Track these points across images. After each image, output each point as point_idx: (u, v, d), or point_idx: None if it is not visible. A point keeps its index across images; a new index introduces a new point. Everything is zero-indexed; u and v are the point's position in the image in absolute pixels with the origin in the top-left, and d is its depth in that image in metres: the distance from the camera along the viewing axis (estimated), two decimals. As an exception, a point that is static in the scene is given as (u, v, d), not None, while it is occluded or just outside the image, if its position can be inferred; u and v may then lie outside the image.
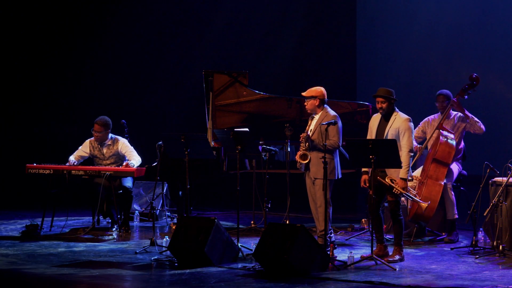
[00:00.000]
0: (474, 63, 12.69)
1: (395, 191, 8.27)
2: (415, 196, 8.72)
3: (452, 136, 9.60)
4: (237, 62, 13.81)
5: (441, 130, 9.63)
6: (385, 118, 8.49)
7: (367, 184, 8.45)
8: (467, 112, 9.80)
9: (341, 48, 14.29)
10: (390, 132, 8.41)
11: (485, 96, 12.23)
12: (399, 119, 8.43)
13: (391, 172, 8.36)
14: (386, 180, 8.32)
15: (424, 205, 8.63)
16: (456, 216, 9.61)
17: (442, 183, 9.39)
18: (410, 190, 8.50)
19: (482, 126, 9.79)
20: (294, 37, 14.38)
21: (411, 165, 8.41)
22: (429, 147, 9.79)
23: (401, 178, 8.30)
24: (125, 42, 14.37)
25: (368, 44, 14.13)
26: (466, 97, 9.83)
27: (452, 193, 9.60)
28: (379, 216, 8.48)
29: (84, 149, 10.52)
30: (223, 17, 14.35)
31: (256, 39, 14.33)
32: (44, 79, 14.18)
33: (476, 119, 9.79)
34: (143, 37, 14.40)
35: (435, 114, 9.99)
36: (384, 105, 8.45)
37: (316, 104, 9.02)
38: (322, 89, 9.08)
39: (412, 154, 8.38)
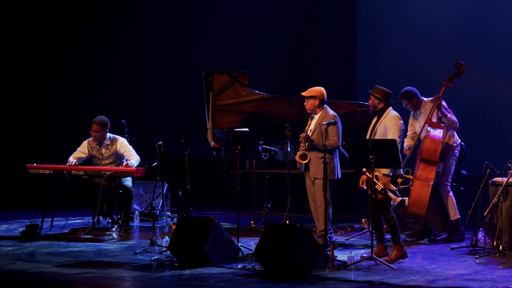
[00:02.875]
0: (474, 63, 12.66)
1: (377, 186, 8.29)
2: (395, 192, 8.54)
3: (439, 130, 9.33)
4: (237, 62, 13.79)
5: (427, 126, 9.40)
6: (379, 117, 8.59)
7: (364, 184, 8.47)
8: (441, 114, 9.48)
9: (341, 48, 14.28)
10: (379, 129, 8.50)
11: (485, 96, 12.23)
12: (388, 116, 8.53)
13: (378, 169, 8.36)
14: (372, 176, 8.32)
15: (397, 200, 8.48)
16: (458, 216, 9.58)
17: (432, 182, 9.29)
18: (390, 186, 8.39)
19: (457, 123, 9.48)
20: (294, 37, 14.37)
21: (403, 164, 8.39)
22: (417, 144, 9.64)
23: (383, 175, 8.32)
24: (125, 42, 14.36)
25: (368, 44, 14.12)
26: (452, 85, 9.62)
27: (451, 193, 9.54)
28: (379, 216, 8.46)
29: (82, 150, 10.50)
30: (223, 17, 14.34)
31: (255, 39, 14.32)
32: (44, 79, 14.17)
33: (453, 118, 9.48)
34: (143, 37, 14.39)
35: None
36: (370, 101, 8.63)
37: (316, 104, 9.03)
38: (322, 89, 9.09)
39: None
